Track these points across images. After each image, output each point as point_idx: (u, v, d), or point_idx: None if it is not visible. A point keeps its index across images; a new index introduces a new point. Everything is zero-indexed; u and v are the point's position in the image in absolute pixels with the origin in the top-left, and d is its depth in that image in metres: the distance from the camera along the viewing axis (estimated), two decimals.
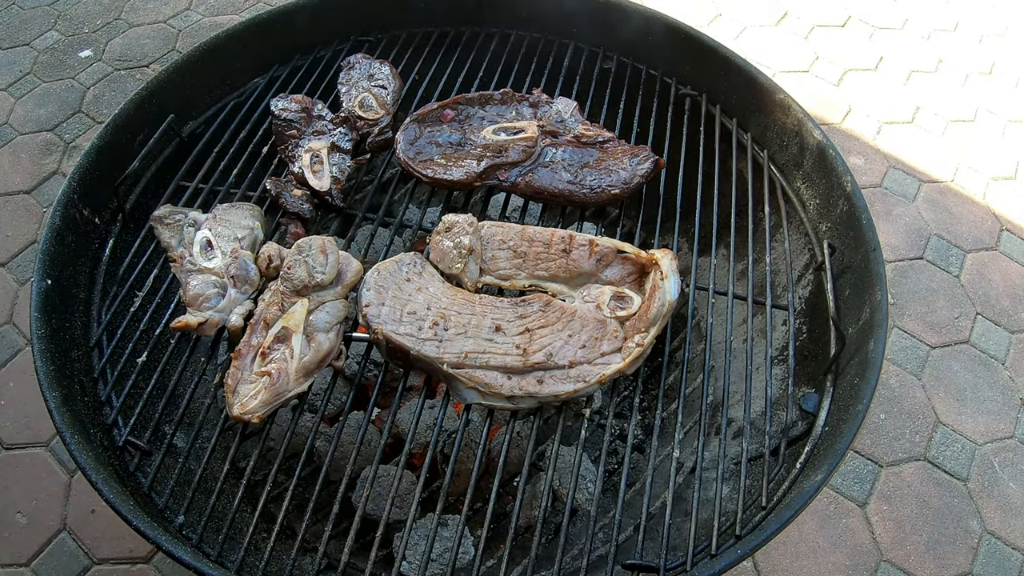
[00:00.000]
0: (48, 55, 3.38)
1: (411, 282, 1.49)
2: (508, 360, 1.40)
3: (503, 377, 1.39)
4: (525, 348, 1.41)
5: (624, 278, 1.54)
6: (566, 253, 1.54)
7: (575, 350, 1.42)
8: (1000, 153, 3.25)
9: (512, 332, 1.44)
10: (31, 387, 2.29)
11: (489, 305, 1.48)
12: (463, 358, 1.39)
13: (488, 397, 1.39)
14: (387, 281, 1.48)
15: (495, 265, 1.55)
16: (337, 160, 1.78)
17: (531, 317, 1.46)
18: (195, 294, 1.48)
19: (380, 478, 1.75)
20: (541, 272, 1.54)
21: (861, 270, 1.59)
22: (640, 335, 1.44)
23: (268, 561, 1.27)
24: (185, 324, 1.44)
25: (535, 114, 1.84)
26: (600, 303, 1.49)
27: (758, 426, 1.58)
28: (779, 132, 1.88)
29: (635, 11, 2.05)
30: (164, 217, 1.65)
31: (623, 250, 1.53)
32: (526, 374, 1.40)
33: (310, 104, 1.87)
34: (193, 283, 1.50)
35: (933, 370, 2.56)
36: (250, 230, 1.62)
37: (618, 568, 1.31)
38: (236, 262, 1.52)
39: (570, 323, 1.45)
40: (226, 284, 1.51)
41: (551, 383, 1.39)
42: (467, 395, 1.40)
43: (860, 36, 3.71)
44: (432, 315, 1.44)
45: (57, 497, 2.14)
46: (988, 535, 2.23)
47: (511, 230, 1.58)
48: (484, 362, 1.39)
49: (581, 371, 1.41)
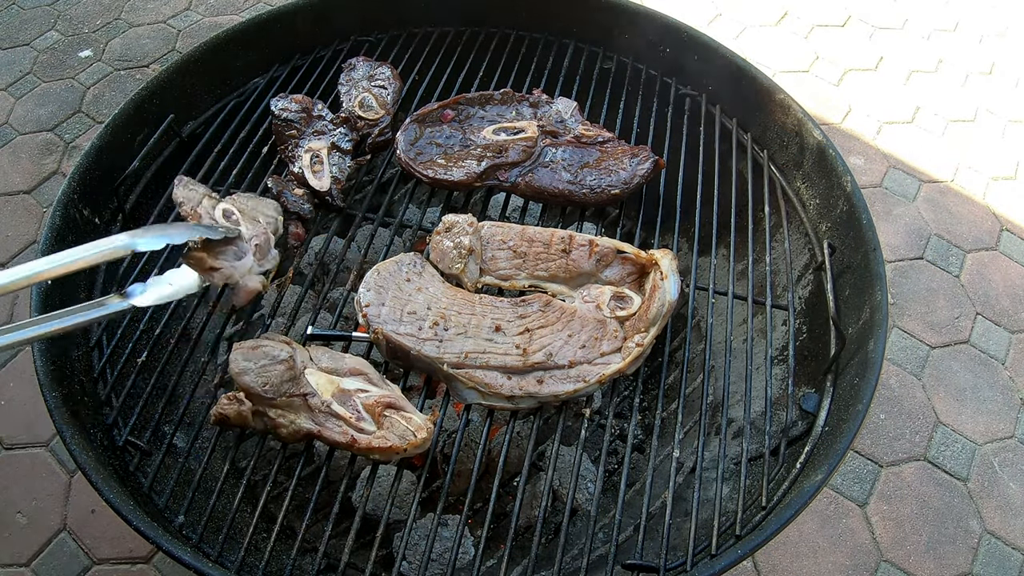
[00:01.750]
0: (48, 55, 3.38)
1: (411, 282, 1.49)
2: (508, 360, 1.40)
3: (503, 377, 1.39)
4: (525, 348, 1.41)
5: (624, 278, 1.54)
6: (566, 253, 1.54)
7: (575, 350, 1.42)
8: (1000, 153, 3.25)
9: (512, 332, 1.44)
10: (31, 387, 2.29)
11: (489, 305, 1.48)
12: (463, 358, 1.39)
13: (488, 397, 1.39)
14: (387, 281, 1.48)
15: (495, 265, 1.55)
16: (337, 160, 1.78)
17: (531, 317, 1.46)
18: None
19: (380, 478, 1.75)
20: (541, 272, 1.54)
21: (861, 270, 1.59)
22: (640, 335, 1.44)
23: (268, 561, 1.27)
24: (200, 256, 1.40)
25: (535, 114, 1.84)
26: (600, 303, 1.49)
27: (758, 426, 1.58)
28: (779, 132, 1.88)
29: (635, 11, 2.05)
30: (188, 183, 1.63)
31: (623, 250, 1.53)
32: (526, 374, 1.40)
33: (310, 104, 1.87)
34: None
35: (933, 370, 2.56)
36: (274, 219, 1.61)
37: (618, 568, 1.31)
38: (264, 236, 1.52)
39: (570, 323, 1.45)
40: (247, 249, 1.49)
41: (551, 383, 1.39)
42: (467, 395, 1.40)
43: (860, 36, 3.71)
44: (432, 315, 1.44)
45: (57, 497, 2.14)
46: (988, 535, 2.23)
47: (511, 230, 1.58)
48: (484, 362, 1.39)
49: (581, 371, 1.41)
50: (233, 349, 1.33)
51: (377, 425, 1.31)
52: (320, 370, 1.37)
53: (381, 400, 1.33)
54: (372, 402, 1.33)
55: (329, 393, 1.33)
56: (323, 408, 1.31)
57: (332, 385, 1.35)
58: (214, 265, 1.42)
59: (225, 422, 1.35)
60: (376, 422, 1.31)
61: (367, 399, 1.34)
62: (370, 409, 1.32)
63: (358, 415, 1.31)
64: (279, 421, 1.31)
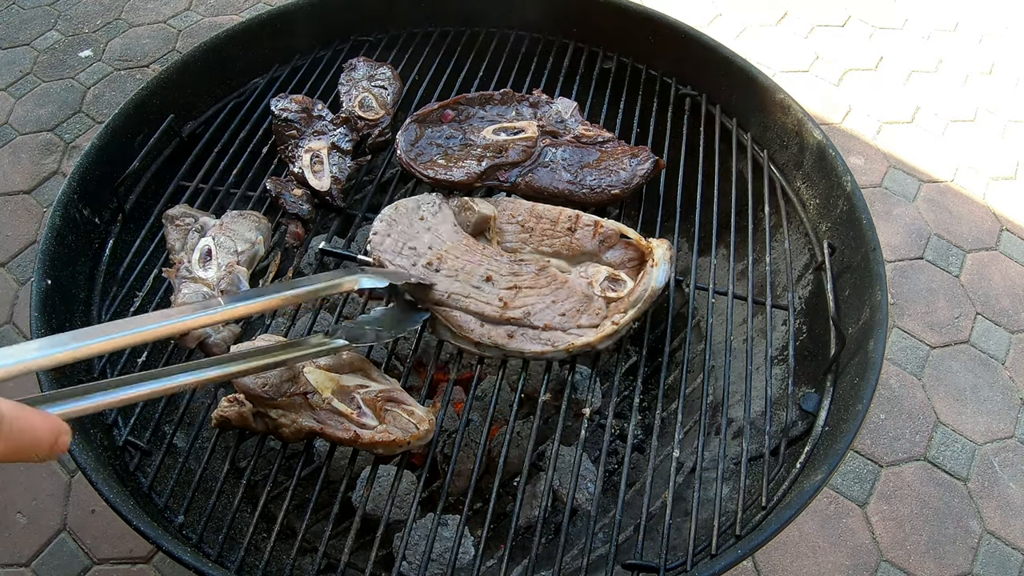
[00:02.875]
0: (48, 55, 3.38)
1: (424, 221, 1.56)
2: (487, 309, 1.43)
3: (476, 322, 1.43)
4: (507, 303, 1.44)
5: (625, 263, 1.55)
6: (571, 231, 1.57)
7: (554, 316, 1.45)
8: (1000, 153, 3.25)
9: (501, 285, 1.47)
10: (31, 387, 2.29)
11: (489, 256, 1.52)
12: (446, 297, 1.44)
13: (458, 339, 1.44)
14: (400, 216, 1.56)
15: (502, 237, 1.59)
16: (337, 160, 1.78)
17: (523, 276, 1.49)
18: (183, 303, 1.47)
19: (380, 478, 1.75)
20: (545, 248, 1.58)
21: (861, 270, 1.59)
22: (619, 315, 1.45)
23: (268, 561, 1.27)
24: None
25: (535, 114, 1.84)
26: (594, 281, 1.51)
27: (758, 426, 1.58)
28: (779, 132, 1.88)
29: (635, 11, 2.05)
30: (176, 217, 1.65)
31: (626, 234, 1.55)
32: (499, 325, 1.43)
33: (310, 104, 1.87)
34: (184, 291, 1.49)
35: (933, 370, 2.56)
36: (251, 244, 1.61)
37: (618, 568, 1.31)
38: (229, 277, 1.52)
39: (557, 291, 1.48)
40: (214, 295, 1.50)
41: (520, 340, 1.42)
42: (441, 332, 1.46)
43: (860, 36, 3.71)
44: (431, 254, 1.49)
45: (57, 497, 2.14)
46: (988, 535, 2.23)
47: (522, 206, 1.62)
48: (464, 306, 1.43)
49: (552, 336, 1.43)
50: (230, 352, 1.33)
51: (379, 419, 1.31)
52: (319, 368, 1.37)
53: (382, 394, 1.33)
54: (373, 397, 1.33)
55: (329, 390, 1.33)
56: (324, 406, 1.31)
57: (332, 382, 1.35)
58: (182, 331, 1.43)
59: (227, 424, 1.35)
60: (378, 416, 1.31)
61: (367, 394, 1.34)
62: (371, 404, 1.32)
63: (359, 411, 1.31)
64: (281, 421, 1.30)
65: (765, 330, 1.62)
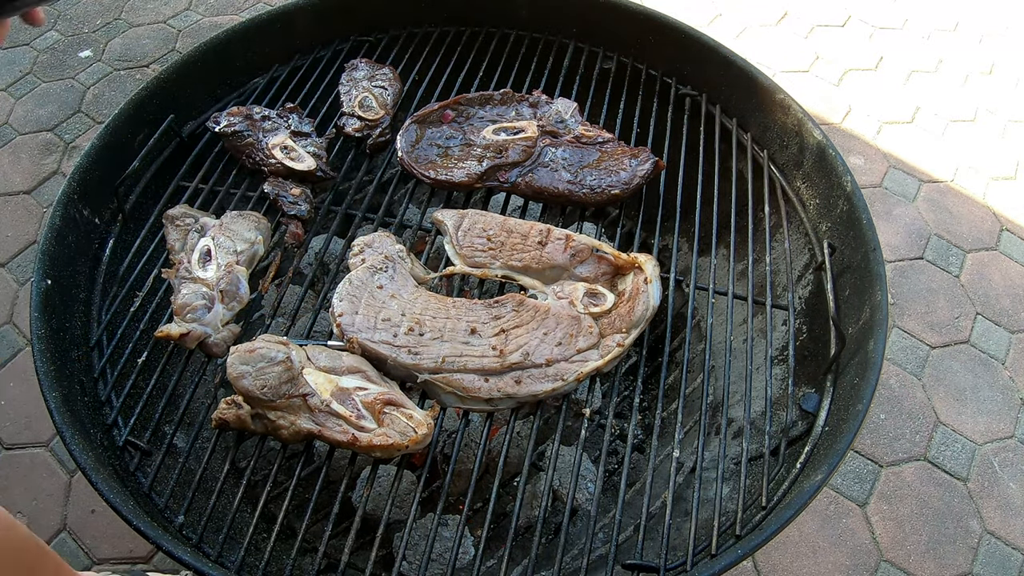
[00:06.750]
0: (48, 55, 3.38)
1: (384, 289, 1.48)
2: (485, 362, 1.39)
3: (480, 380, 1.38)
4: (502, 349, 1.41)
5: (598, 276, 1.54)
6: (541, 245, 1.55)
7: (551, 348, 1.42)
8: (1000, 153, 3.25)
9: (488, 334, 1.43)
10: (31, 387, 2.29)
11: (463, 308, 1.47)
12: (440, 363, 1.38)
13: (467, 401, 1.39)
14: (359, 290, 1.47)
15: (470, 252, 1.56)
16: (306, 142, 1.79)
17: (505, 317, 1.46)
18: (183, 303, 1.47)
19: (380, 478, 1.75)
20: (515, 263, 1.54)
21: (861, 270, 1.59)
22: (621, 335, 1.44)
23: (268, 561, 1.27)
24: (166, 334, 1.42)
25: (535, 114, 1.84)
26: (574, 299, 1.49)
27: (758, 426, 1.58)
28: (779, 132, 1.88)
29: (635, 11, 2.05)
30: (176, 218, 1.65)
31: (600, 249, 1.54)
32: (503, 375, 1.39)
33: (248, 110, 1.86)
34: (184, 291, 1.49)
35: (933, 370, 2.55)
36: (250, 244, 1.61)
37: (618, 568, 1.31)
38: (228, 276, 1.51)
39: (544, 321, 1.45)
40: (215, 297, 1.49)
41: (529, 383, 1.39)
42: (446, 399, 1.40)
43: (860, 36, 3.71)
44: (407, 321, 1.43)
45: (57, 497, 2.14)
46: (988, 535, 2.23)
47: (493, 220, 1.59)
48: (462, 365, 1.38)
49: (558, 369, 1.41)
50: (230, 353, 1.33)
51: (377, 422, 1.31)
52: (318, 369, 1.36)
53: (380, 397, 1.33)
54: (371, 399, 1.33)
55: (328, 392, 1.33)
56: (323, 408, 1.31)
57: (331, 384, 1.35)
58: (182, 332, 1.43)
59: (225, 426, 1.35)
60: (376, 419, 1.31)
61: (366, 397, 1.34)
62: (370, 407, 1.32)
63: (358, 413, 1.31)
64: (279, 423, 1.30)
65: (765, 330, 1.62)
